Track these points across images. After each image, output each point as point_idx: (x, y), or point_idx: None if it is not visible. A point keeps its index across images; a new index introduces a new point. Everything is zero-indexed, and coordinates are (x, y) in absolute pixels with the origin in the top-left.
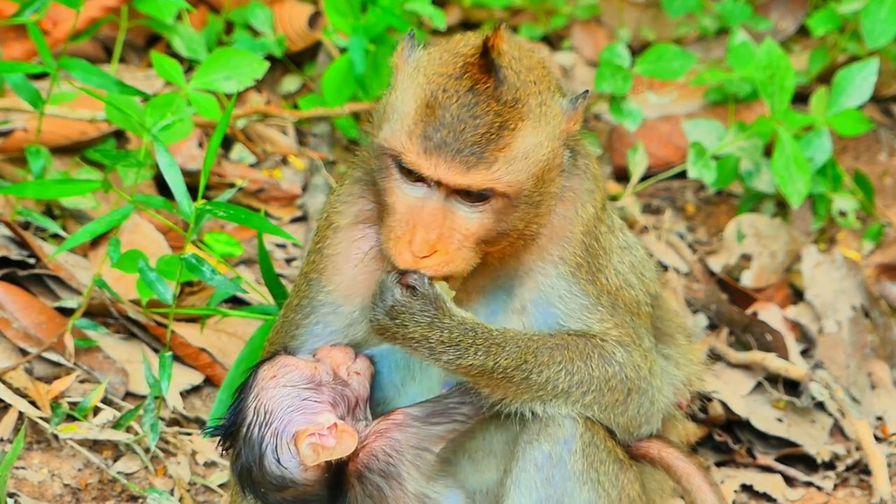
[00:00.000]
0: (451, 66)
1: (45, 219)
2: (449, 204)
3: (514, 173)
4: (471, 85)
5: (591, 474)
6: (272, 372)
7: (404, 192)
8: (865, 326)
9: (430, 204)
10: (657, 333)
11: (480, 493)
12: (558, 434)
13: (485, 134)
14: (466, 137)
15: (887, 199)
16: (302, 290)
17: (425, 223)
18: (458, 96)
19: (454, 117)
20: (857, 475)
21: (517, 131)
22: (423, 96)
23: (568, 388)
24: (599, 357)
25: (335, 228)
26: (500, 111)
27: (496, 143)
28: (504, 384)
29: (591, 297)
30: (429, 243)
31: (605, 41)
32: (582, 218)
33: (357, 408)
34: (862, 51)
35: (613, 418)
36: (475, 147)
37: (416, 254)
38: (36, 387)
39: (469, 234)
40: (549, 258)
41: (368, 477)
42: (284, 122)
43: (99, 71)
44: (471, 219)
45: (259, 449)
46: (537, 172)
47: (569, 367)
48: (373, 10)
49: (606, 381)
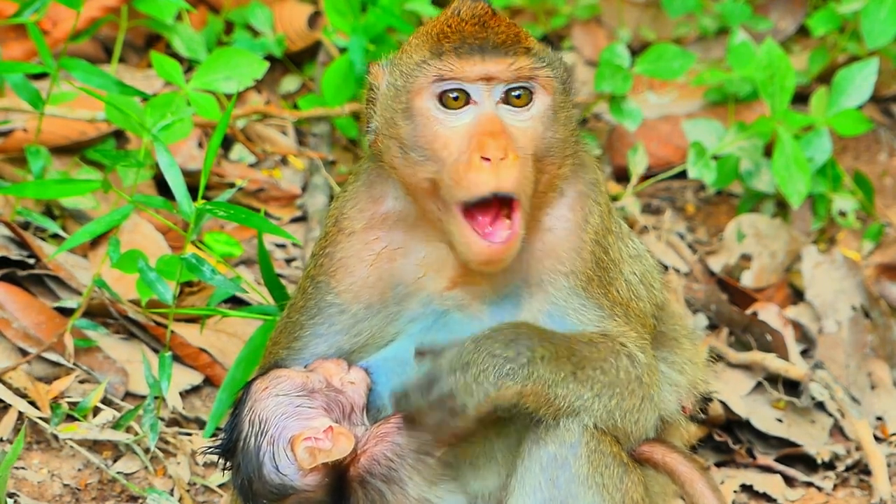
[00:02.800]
0: (439, 19)
1: (44, 219)
2: (499, 113)
3: (550, 67)
4: (472, 12)
5: (595, 478)
6: (264, 384)
7: (449, 124)
8: (865, 326)
9: (483, 114)
10: (663, 338)
11: (482, 498)
12: (565, 437)
13: (509, 34)
14: (493, 37)
15: (887, 199)
16: (308, 293)
17: (490, 130)
18: (464, 20)
19: (474, 30)
20: (857, 475)
21: (531, 39)
22: (431, 36)
23: (601, 390)
24: (627, 356)
25: (348, 233)
26: (509, 25)
27: (522, 40)
28: (559, 386)
29: (605, 309)
30: (501, 145)
31: (605, 41)
32: (592, 224)
33: (353, 413)
34: (862, 51)
35: (629, 426)
36: (505, 42)
37: (494, 157)
38: (36, 387)
39: (525, 144)
40: (561, 269)
41: (370, 482)
42: (284, 122)
43: (99, 71)
44: (523, 125)
45: (257, 459)
46: (563, 81)
47: (604, 366)
48: (373, 10)
49: (629, 384)
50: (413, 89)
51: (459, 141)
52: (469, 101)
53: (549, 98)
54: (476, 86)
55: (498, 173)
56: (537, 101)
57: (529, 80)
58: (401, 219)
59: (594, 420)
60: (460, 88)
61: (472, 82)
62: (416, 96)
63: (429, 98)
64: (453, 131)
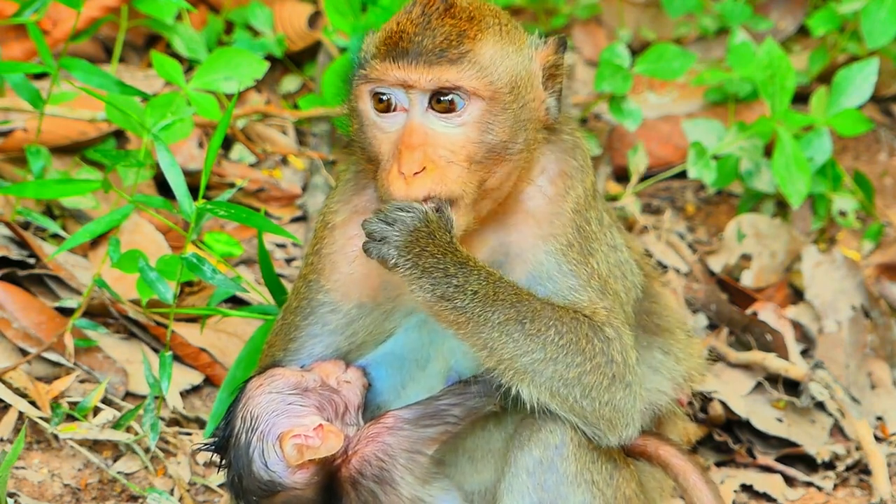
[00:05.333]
0: (398, 14)
1: (45, 219)
2: (426, 121)
3: (482, 73)
4: (421, 10)
5: (584, 476)
6: (259, 382)
7: (383, 127)
8: (865, 326)
9: (409, 123)
10: (657, 329)
11: (479, 494)
12: (549, 440)
13: (444, 40)
14: (426, 43)
15: (887, 199)
16: (301, 293)
17: (409, 143)
18: (411, 19)
19: (413, 33)
20: (857, 475)
21: (478, 39)
22: (383, 33)
23: (556, 353)
24: (589, 327)
25: (331, 227)
26: (456, 24)
27: (457, 46)
28: (496, 328)
29: (582, 278)
30: (416, 159)
31: (605, 41)
32: (572, 196)
33: (347, 413)
34: (862, 51)
35: (598, 408)
36: (437, 49)
37: (407, 172)
38: (36, 387)
39: (455, 150)
40: (539, 234)
41: (362, 483)
42: (284, 122)
43: (99, 71)
44: (453, 133)
45: (247, 455)
46: (510, 82)
47: (558, 326)
48: (373, 10)
49: (593, 357)
50: (355, 91)
51: (390, 146)
52: (398, 106)
53: (482, 103)
54: (398, 91)
55: (410, 185)
56: (470, 107)
57: (453, 91)
58: None
59: (548, 389)
60: (386, 92)
61: (392, 87)
62: (358, 98)
63: (367, 100)
64: (386, 136)
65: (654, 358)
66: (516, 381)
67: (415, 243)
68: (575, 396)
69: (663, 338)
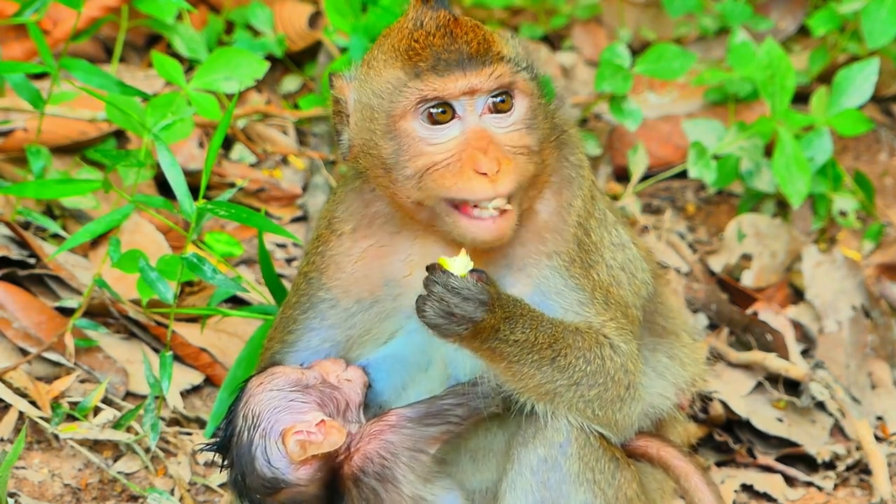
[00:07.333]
0: (402, 31)
1: (45, 219)
2: (484, 123)
3: (518, 69)
4: (435, 24)
5: (586, 475)
6: (259, 380)
7: (434, 140)
8: (866, 326)
9: (470, 128)
10: (663, 332)
11: (480, 493)
12: (553, 437)
13: (478, 45)
14: (467, 50)
15: (887, 199)
16: (301, 289)
17: (479, 145)
18: (429, 33)
19: (444, 44)
20: (857, 475)
21: (498, 41)
22: (401, 52)
23: (581, 378)
24: (610, 347)
25: (339, 234)
26: (473, 30)
27: (493, 46)
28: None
29: (587, 291)
30: (493, 158)
31: (606, 41)
32: (573, 208)
33: (348, 410)
34: (862, 51)
35: (612, 415)
36: (479, 51)
37: (490, 171)
38: (36, 387)
39: (516, 145)
40: (543, 250)
41: (364, 480)
42: (285, 122)
43: (99, 71)
44: (510, 131)
45: (249, 452)
46: (534, 85)
47: (587, 355)
48: (373, 10)
49: (614, 375)
50: (396, 112)
51: (445, 153)
52: (454, 115)
53: (527, 99)
54: (460, 101)
55: (495, 185)
56: (518, 105)
57: (509, 87)
58: (388, 220)
59: (566, 406)
60: (445, 103)
61: (455, 98)
62: (401, 119)
63: (413, 119)
64: (439, 146)
65: (659, 362)
66: (536, 401)
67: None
68: (593, 409)
69: (669, 341)
